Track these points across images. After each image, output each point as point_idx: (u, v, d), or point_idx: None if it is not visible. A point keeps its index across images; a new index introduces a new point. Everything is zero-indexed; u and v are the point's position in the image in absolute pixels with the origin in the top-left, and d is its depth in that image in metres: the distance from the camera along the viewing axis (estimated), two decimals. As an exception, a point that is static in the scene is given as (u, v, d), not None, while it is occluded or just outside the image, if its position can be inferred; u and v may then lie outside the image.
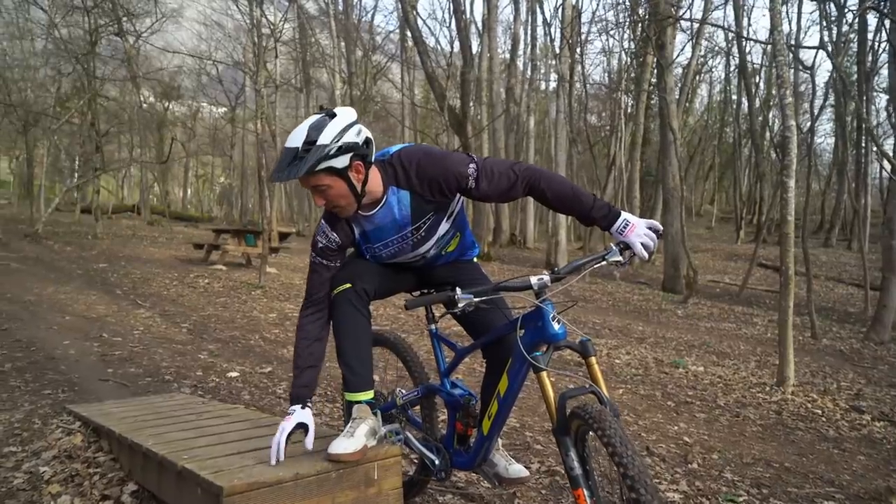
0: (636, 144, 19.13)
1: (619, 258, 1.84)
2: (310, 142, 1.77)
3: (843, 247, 21.81)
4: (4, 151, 29.36)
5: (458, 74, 22.38)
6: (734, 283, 14.39)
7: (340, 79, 20.26)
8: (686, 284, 12.62)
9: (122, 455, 2.42)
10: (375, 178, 1.91)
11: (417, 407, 2.42)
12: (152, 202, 31.56)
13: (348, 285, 2.00)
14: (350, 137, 1.80)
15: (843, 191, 22.75)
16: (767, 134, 24.72)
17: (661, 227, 1.87)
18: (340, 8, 23.36)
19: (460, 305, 1.81)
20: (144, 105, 27.41)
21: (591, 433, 1.67)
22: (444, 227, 2.05)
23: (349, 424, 1.92)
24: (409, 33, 21.92)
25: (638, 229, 1.82)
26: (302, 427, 1.91)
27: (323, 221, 2.01)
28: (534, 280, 1.79)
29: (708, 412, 4.60)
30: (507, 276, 2.01)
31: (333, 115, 1.82)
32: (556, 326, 1.77)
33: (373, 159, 1.89)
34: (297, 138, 1.78)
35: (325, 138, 1.77)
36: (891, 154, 9.93)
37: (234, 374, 4.37)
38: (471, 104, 21.52)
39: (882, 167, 21.70)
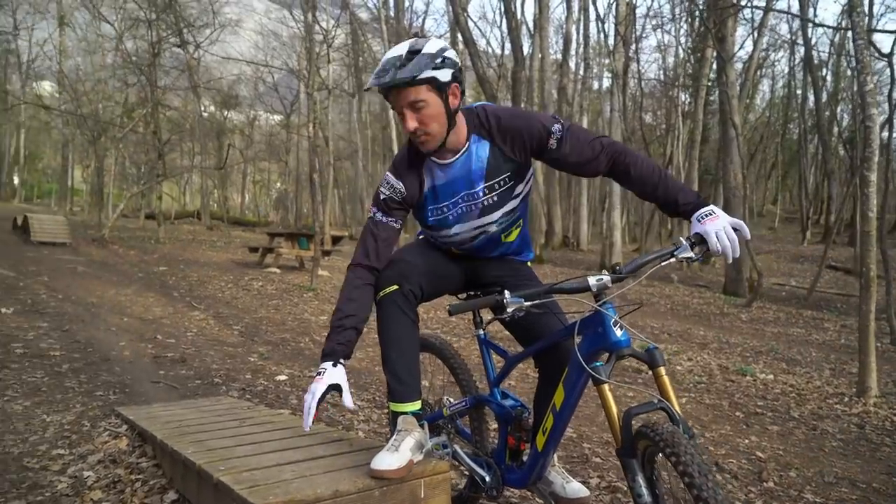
0: (694, 142, 18.45)
1: (690, 254, 1.61)
2: (414, 50, 1.66)
3: (922, 247, 20.41)
4: (78, 161, 30.90)
5: (508, 75, 22.14)
6: (801, 286, 13.64)
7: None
8: (749, 287, 12.02)
9: (164, 461, 2.36)
10: (461, 122, 1.79)
11: (466, 417, 2.27)
12: (212, 208, 32.55)
13: (396, 287, 1.86)
14: (452, 55, 1.70)
15: (921, 188, 21.31)
16: (835, 129, 23.43)
17: (746, 230, 1.63)
18: (392, 13, 23.52)
19: (509, 310, 1.63)
20: (205, 114, 28.34)
21: (660, 455, 1.48)
22: (514, 202, 1.89)
23: (393, 437, 1.78)
24: (459, 36, 21.86)
25: (719, 221, 1.60)
26: (335, 388, 1.72)
27: (388, 173, 1.87)
28: (592, 280, 1.60)
29: (781, 424, 4.27)
30: (561, 279, 1.82)
31: (428, 39, 1.73)
32: (618, 333, 1.58)
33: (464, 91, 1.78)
34: (399, 48, 1.68)
35: (430, 48, 1.66)
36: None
37: (282, 377, 4.32)
38: (522, 105, 21.25)
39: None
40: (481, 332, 2.10)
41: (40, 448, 2.68)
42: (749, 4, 13.92)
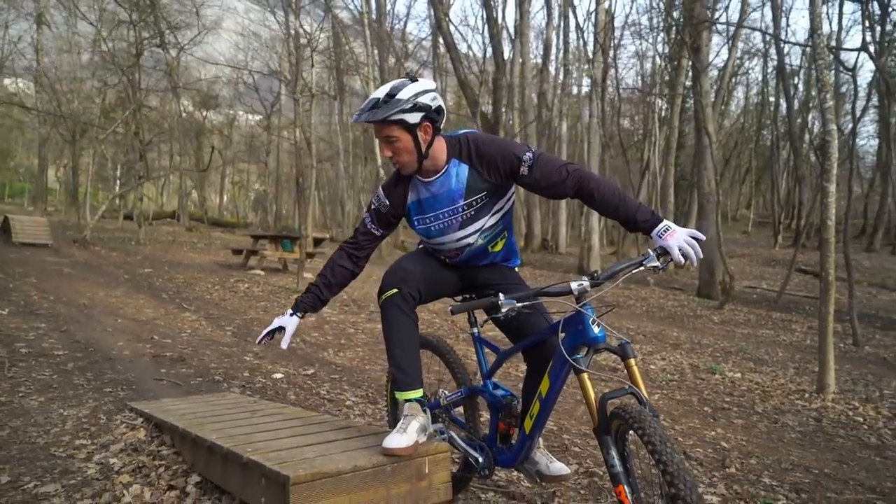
0: (670, 148, 18.94)
1: (657, 263, 1.90)
2: (390, 95, 1.99)
3: (887, 252, 21.18)
4: (52, 161, 30.51)
5: (490, 80, 22.47)
6: (772, 289, 14.14)
7: (375, 86, 20.56)
8: (722, 290, 12.46)
9: (184, 449, 2.58)
10: (441, 147, 2.10)
11: (459, 407, 2.52)
12: (190, 208, 32.37)
13: (396, 290, 2.13)
14: (425, 100, 2.01)
15: (886, 194, 22.11)
16: (807, 136, 24.16)
17: (702, 236, 1.91)
18: (374, 17, 23.71)
19: (503, 310, 1.90)
20: (184, 114, 28.20)
21: (630, 432, 1.75)
22: (493, 218, 2.18)
23: (402, 421, 2.04)
24: (441, 40, 22.14)
25: (677, 235, 1.88)
26: (281, 329, 2.23)
27: (380, 188, 2.23)
28: (574, 285, 1.88)
29: (746, 418, 4.60)
30: (540, 282, 2.17)
31: (415, 80, 2.05)
32: (596, 330, 1.86)
33: (441, 127, 2.09)
34: (381, 91, 2.02)
35: (403, 94, 1.99)
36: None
37: (278, 375, 4.54)
38: (503, 110, 21.59)
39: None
40: (475, 330, 2.37)
41: (63, 439, 2.88)
42: (722, 21, 14.39)
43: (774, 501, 2.89)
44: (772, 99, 27.05)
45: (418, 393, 2.12)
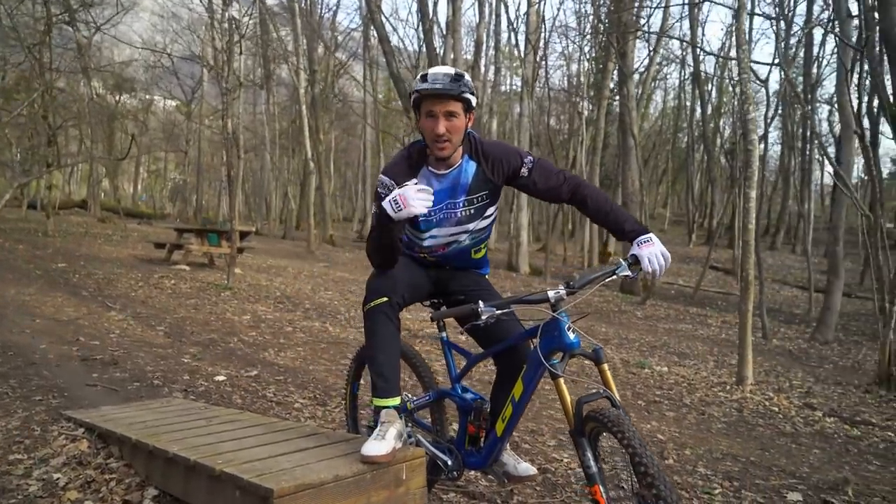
0: (596, 148, 19.63)
1: (629, 272, 2.00)
2: (459, 76, 2.03)
3: (787, 250, 22.88)
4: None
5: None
6: (688, 286, 14.98)
7: (305, 76, 20.12)
8: (643, 286, 13.09)
9: (136, 461, 2.46)
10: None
11: (426, 410, 2.54)
12: (100, 197, 30.40)
13: (385, 299, 2.12)
14: None
15: (788, 196, 23.85)
16: (718, 140, 25.64)
17: (669, 256, 2.01)
18: (304, 5, 23.16)
19: (483, 318, 1.94)
20: (95, 97, 26.41)
21: (604, 434, 1.83)
22: (484, 222, 2.24)
23: (378, 428, 2.04)
24: (373, 31, 21.89)
25: (654, 248, 2.00)
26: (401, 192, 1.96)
27: (382, 175, 2.15)
28: (551, 293, 1.94)
29: (676, 411, 4.88)
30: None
31: None
32: (571, 336, 1.93)
33: None
34: (448, 69, 2.05)
35: (468, 78, 2.06)
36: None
37: (221, 377, 4.39)
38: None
39: (825, 174, 22.78)
40: (444, 335, 2.39)
41: (-6, 453, 2.67)
42: (647, 29, 15.02)
43: (712, 490, 3.09)
44: (687, 103, 28.56)
45: (396, 401, 2.13)
